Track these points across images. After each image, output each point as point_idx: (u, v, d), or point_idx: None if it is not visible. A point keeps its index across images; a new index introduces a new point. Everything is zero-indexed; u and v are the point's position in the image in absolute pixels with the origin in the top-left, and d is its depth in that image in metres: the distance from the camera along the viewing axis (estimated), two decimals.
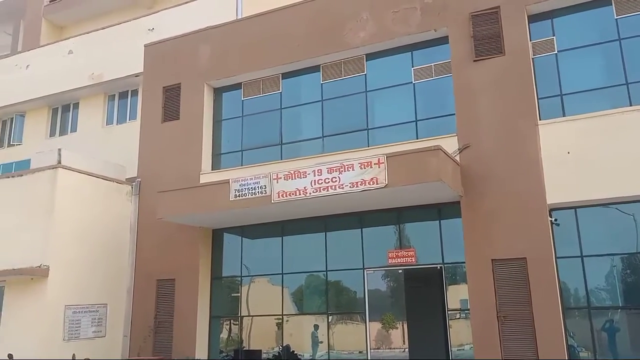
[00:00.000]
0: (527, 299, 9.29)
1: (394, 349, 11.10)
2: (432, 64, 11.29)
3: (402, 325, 11.11)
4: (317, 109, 12.27)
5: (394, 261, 10.83)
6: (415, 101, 11.31)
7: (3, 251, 11.58)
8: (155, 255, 12.56)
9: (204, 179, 12.47)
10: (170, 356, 11.63)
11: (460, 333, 10.24)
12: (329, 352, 11.04)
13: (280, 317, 11.75)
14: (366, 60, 11.95)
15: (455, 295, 10.40)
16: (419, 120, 11.21)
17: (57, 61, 19.62)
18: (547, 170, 9.61)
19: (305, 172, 10.08)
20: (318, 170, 9.96)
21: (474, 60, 10.53)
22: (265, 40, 12.73)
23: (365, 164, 9.51)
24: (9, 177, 12.69)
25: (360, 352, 10.95)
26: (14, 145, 20.17)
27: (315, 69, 12.41)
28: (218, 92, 13.54)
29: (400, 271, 11.04)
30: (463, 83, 10.60)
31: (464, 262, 9.99)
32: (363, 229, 11.26)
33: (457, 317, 10.37)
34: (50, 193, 11.75)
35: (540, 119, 9.97)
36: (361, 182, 9.51)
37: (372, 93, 11.79)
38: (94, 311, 11.93)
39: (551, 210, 9.60)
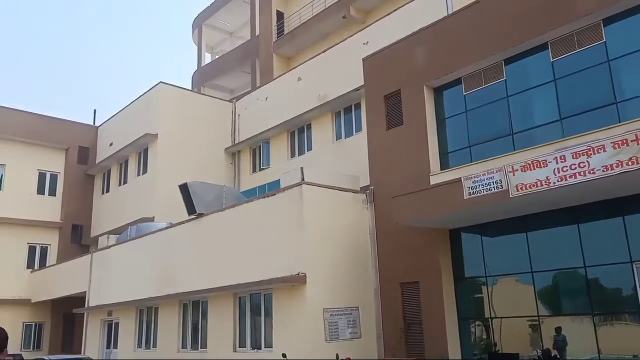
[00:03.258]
0: None
1: None
2: None
3: None
4: (550, 90, 11.19)
5: None
6: None
7: (269, 261, 13.22)
8: (396, 258, 12.92)
9: (434, 180, 12.41)
10: (424, 357, 11.77)
11: None
12: (599, 356, 9.84)
13: (536, 318, 10.94)
14: (604, 26, 10.48)
15: None
16: None
17: (289, 89, 21.91)
18: None
19: (546, 160, 9.27)
20: (561, 156, 9.07)
21: None
22: (482, 29, 12.17)
23: (620, 142, 8.33)
24: (264, 197, 14.45)
25: (634, 355, 9.54)
26: (264, 169, 23.09)
27: (542, 47, 11.36)
28: (438, 91, 13.38)
29: None
30: None
31: None
32: (625, 217, 9.81)
33: None
34: (299, 207, 12.97)
35: None
36: (617, 163, 8.36)
37: (617, 61, 10.26)
38: (348, 314, 12.79)
39: None
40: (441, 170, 12.72)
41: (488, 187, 10.07)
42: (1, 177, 26.04)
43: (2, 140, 26.00)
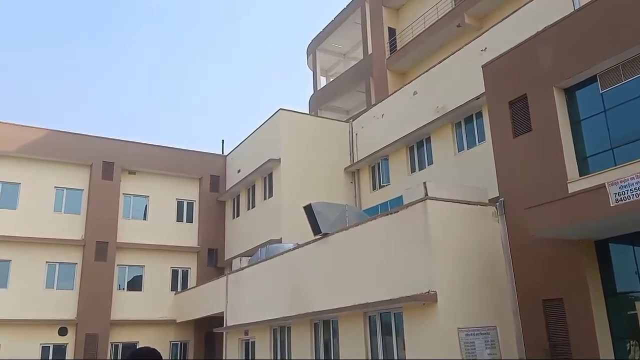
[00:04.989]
0: None
1: None
2: None
3: None
4: None
5: None
6: None
7: (397, 279, 13.02)
8: (535, 273, 12.05)
9: (572, 188, 11.46)
10: None
11: None
12: None
13: None
14: None
15: None
16: None
17: (405, 104, 21.74)
18: None
19: None
20: None
21: None
22: (617, 20, 11.12)
23: None
24: (388, 215, 14.29)
25: None
26: (384, 186, 23.00)
27: None
28: (569, 91, 12.42)
29: None
30: None
31: None
32: None
33: None
34: (424, 223, 12.64)
35: None
36: None
37: None
38: (485, 333, 12.11)
39: None
40: (580, 176, 11.72)
41: (639, 192, 9.08)
42: (145, 207, 28.76)
43: (145, 174, 28.78)
